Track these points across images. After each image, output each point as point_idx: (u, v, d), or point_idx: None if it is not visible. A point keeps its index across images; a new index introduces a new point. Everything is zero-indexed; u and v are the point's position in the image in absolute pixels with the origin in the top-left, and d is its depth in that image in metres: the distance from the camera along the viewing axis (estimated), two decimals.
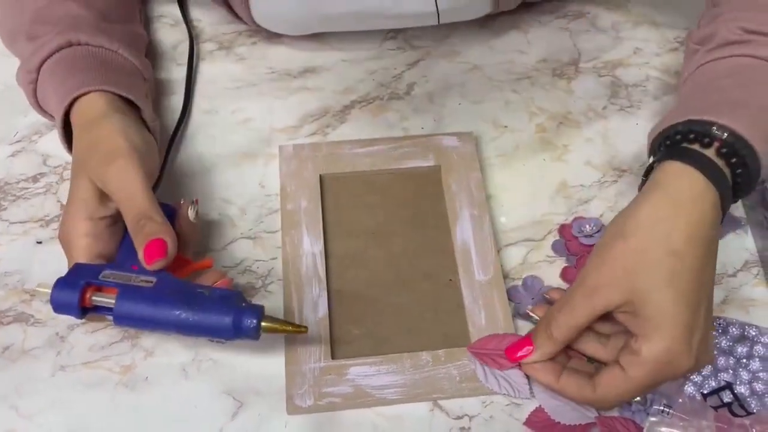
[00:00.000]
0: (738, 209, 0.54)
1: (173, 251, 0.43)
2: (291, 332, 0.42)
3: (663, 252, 0.39)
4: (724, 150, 0.41)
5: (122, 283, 0.42)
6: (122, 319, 0.42)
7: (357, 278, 0.50)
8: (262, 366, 0.46)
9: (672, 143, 0.43)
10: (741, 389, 0.45)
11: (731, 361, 0.46)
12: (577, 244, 0.51)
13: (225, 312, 0.41)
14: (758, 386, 0.45)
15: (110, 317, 0.42)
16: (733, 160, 0.41)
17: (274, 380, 0.46)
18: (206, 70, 0.62)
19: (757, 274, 0.51)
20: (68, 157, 0.56)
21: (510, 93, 0.61)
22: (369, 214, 0.53)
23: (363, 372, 0.45)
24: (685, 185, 0.40)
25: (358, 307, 0.49)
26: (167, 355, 0.47)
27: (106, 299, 0.42)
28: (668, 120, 0.44)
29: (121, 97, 0.49)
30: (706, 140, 0.41)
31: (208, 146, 0.57)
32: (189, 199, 0.48)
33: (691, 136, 0.42)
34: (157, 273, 0.43)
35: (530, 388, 0.45)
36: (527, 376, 0.45)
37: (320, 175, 0.54)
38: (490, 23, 0.65)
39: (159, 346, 0.47)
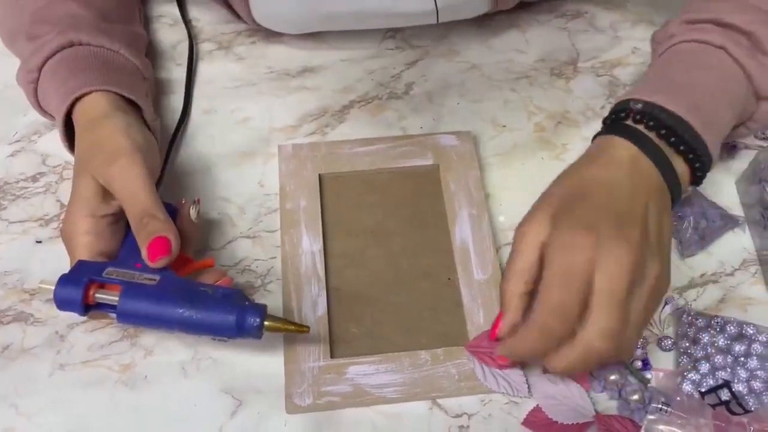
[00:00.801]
0: (736, 208, 0.54)
1: (176, 249, 0.43)
2: (293, 331, 0.42)
3: (572, 178, 0.43)
4: (638, 116, 0.44)
5: (126, 280, 0.42)
6: (126, 317, 0.42)
7: (356, 277, 0.50)
8: (262, 365, 0.46)
9: (603, 124, 0.47)
10: (739, 387, 0.45)
11: (729, 360, 0.46)
12: None
13: (228, 311, 0.41)
14: (756, 384, 0.45)
15: (113, 315, 0.42)
16: (651, 123, 0.43)
17: (273, 379, 0.46)
18: (205, 70, 0.62)
19: (755, 273, 0.51)
20: (68, 157, 0.56)
21: (509, 92, 0.61)
22: (368, 214, 0.53)
23: (362, 371, 0.45)
24: (603, 145, 0.44)
25: (357, 306, 0.49)
26: (167, 354, 0.47)
27: (110, 296, 0.42)
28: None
29: (122, 96, 0.49)
30: (622, 114, 0.44)
31: (207, 146, 0.57)
32: (190, 198, 0.48)
33: (613, 116, 0.45)
34: (160, 271, 0.43)
35: (528, 387, 0.45)
36: (525, 376, 0.45)
37: (319, 175, 0.54)
38: (488, 22, 0.65)
39: (158, 345, 0.48)
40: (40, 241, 0.52)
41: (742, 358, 0.46)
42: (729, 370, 0.45)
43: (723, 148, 0.57)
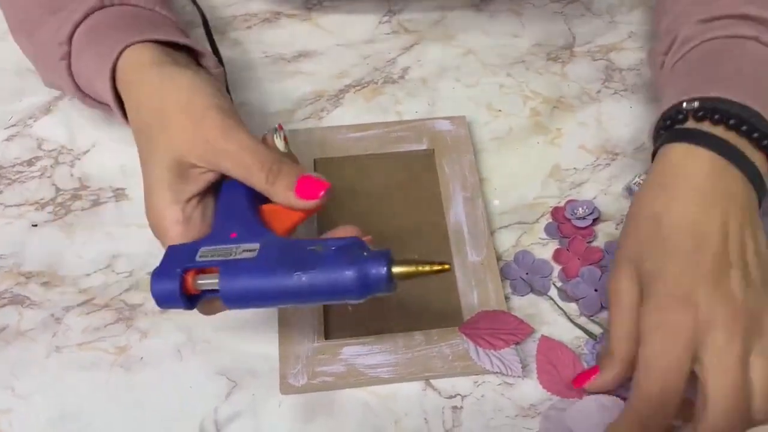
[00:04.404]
0: None
1: (326, 182, 0.38)
2: (431, 273, 0.35)
3: (647, 216, 0.39)
4: (700, 114, 0.40)
5: (222, 259, 0.36)
6: (232, 300, 0.36)
7: None
8: (256, 347, 0.47)
9: (656, 134, 0.44)
10: None
11: None
12: (569, 227, 0.52)
13: (345, 266, 0.34)
14: None
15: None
16: (716, 116, 0.40)
17: (267, 361, 0.46)
18: None
19: None
20: (62, 141, 0.56)
21: (504, 77, 0.61)
22: (363, 198, 0.53)
23: (356, 351, 0.45)
24: (670, 160, 0.40)
25: None
26: (162, 337, 0.47)
27: (211, 281, 0.36)
28: (659, 111, 0.44)
29: (171, 49, 0.43)
30: (680, 117, 0.41)
31: None
32: (268, 131, 0.42)
33: (668, 122, 0.42)
34: (259, 236, 0.37)
35: (522, 367, 0.45)
36: (519, 354, 0.45)
37: (314, 160, 0.54)
38: (484, 7, 0.65)
39: (154, 328, 0.48)
40: (35, 225, 0.52)
41: None
42: None
43: None
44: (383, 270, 0.34)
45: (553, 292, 0.49)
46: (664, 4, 0.52)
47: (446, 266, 0.35)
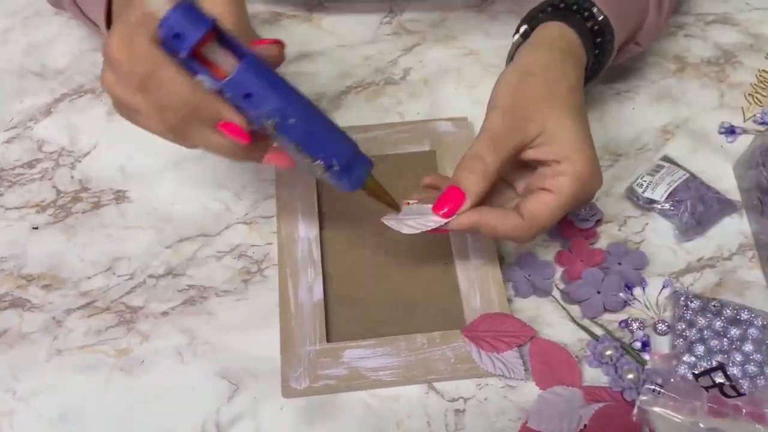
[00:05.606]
0: (734, 193, 0.54)
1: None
2: (386, 202, 0.44)
3: (566, 87, 0.44)
4: (575, 7, 0.48)
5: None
6: (240, 84, 0.35)
7: (352, 262, 0.50)
8: (258, 349, 0.46)
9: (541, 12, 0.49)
10: (734, 371, 0.45)
11: (725, 343, 0.46)
12: (572, 228, 0.51)
13: (349, 138, 0.40)
14: (751, 368, 0.45)
15: (215, 85, 0.35)
16: (575, 7, 0.48)
17: (269, 363, 0.46)
18: None
19: (752, 258, 0.51)
20: (63, 143, 0.56)
21: None
22: (364, 199, 0.53)
23: (358, 354, 0.45)
24: (560, 36, 0.47)
25: (353, 291, 0.49)
26: (163, 339, 0.47)
27: (230, 60, 0.35)
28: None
29: None
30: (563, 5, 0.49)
31: None
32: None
33: (562, 5, 0.49)
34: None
35: (525, 369, 0.45)
36: (522, 357, 0.45)
37: None
38: (486, 8, 0.65)
39: (155, 330, 0.48)
40: (36, 228, 0.52)
41: (738, 342, 0.46)
42: (725, 353, 0.45)
43: (721, 133, 0.57)
44: (369, 167, 0.42)
45: (556, 295, 0.49)
46: None
47: (397, 207, 0.44)
